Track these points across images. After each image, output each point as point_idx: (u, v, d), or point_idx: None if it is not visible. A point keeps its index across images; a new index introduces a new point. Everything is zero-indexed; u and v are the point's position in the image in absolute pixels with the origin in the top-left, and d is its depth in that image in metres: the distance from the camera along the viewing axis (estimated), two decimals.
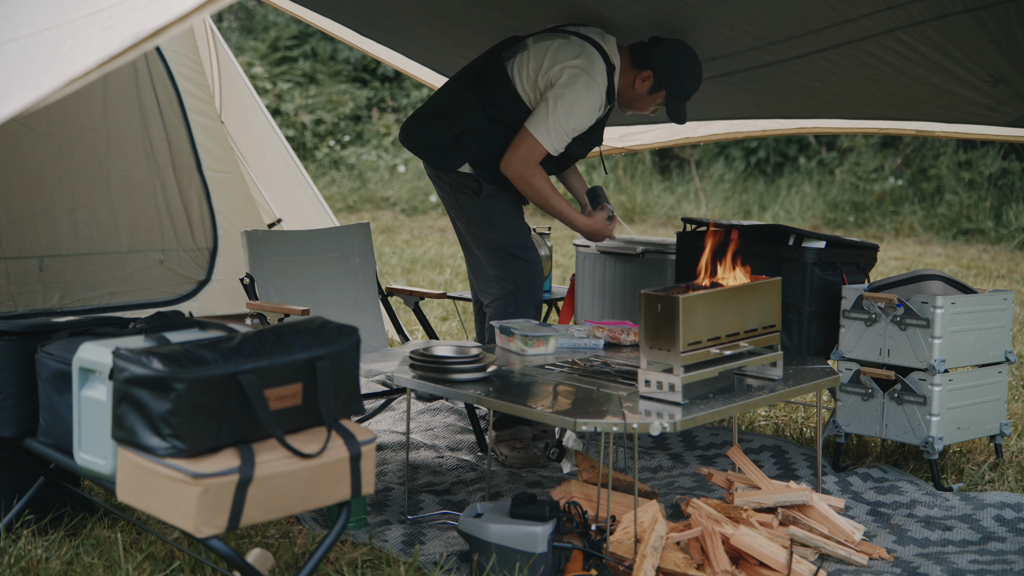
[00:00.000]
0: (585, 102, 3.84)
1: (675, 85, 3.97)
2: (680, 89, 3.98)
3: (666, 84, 3.96)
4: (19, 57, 2.31)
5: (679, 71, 3.97)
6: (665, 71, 3.95)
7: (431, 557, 3.05)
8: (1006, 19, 3.50)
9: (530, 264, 4.01)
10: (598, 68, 3.86)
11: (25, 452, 2.94)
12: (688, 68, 3.98)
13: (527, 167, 3.85)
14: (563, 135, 3.85)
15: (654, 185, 13.57)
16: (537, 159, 3.86)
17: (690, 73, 3.98)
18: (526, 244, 4.03)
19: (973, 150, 12.44)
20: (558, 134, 3.83)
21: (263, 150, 5.87)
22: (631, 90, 4.00)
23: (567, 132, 3.85)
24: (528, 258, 4.01)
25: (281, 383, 2.51)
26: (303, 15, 4.81)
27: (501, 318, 3.99)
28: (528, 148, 3.83)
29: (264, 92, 14.13)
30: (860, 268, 4.12)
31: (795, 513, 3.15)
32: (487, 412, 4.09)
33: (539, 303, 4.08)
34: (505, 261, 4.00)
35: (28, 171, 4.96)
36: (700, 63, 4.01)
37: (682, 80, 3.98)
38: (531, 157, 3.84)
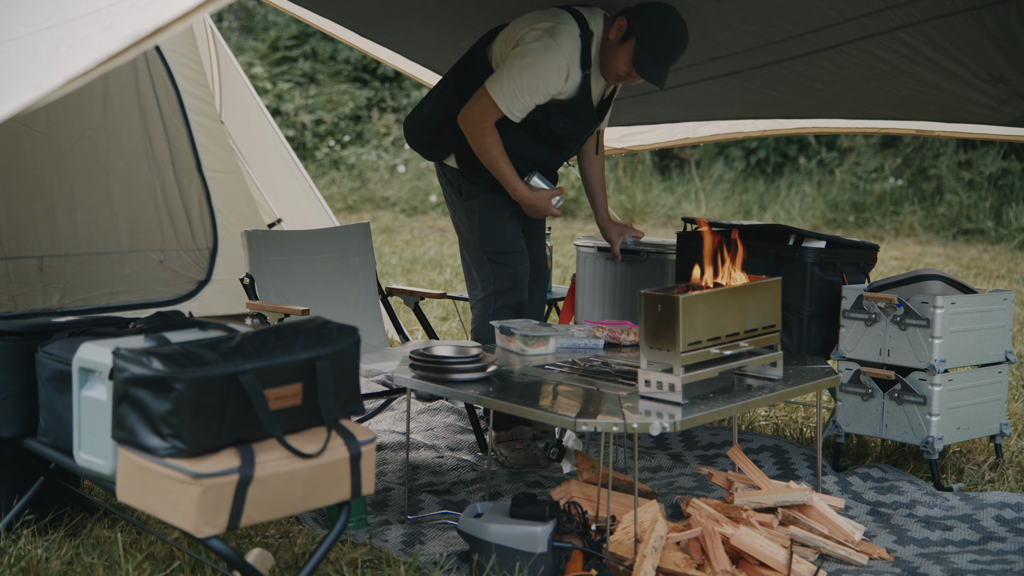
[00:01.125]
0: (544, 64, 3.69)
1: (646, 34, 3.70)
2: (652, 40, 3.70)
3: (637, 32, 3.71)
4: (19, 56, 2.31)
5: (653, 19, 3.72)
6: (639, 17, 3.73)
7: (431, 557, 3.05)
8: (1006, 19, 3.50)
9: (508, 268, 3.98)
10: (565, 32, 3.72)
11: (25, 452, 2.94)
12: (664, 19, 3.73)
13: (479, 124, 3.76)
14: (519, 96, 3.72)
15: (654, 185, 13.57)
16: (492, 118, 3.76)
17: (665, 25, 3.72)
18: (506, 249, 3.99)
19: (973, 150, 12.44)
20: (512, 95, 3.71)
21: (263, 150, 5.87)
22: (607, 41, 3.80)
23: (524, 93, 3.72)
24: (506, 262, 3.98)
25: (281, 383, 2.51)
26: (303, 15, 4.81)
27: (480, 320, 4.00)
28: (483, 106, 3.75)
29: (264, 92, 14.12)
30: (860, 268, 4.12)
31: (795, 513, 3.15)
32: (483, 412, 4.09)
33: (518, 307, 4.02)
34: (483, 264, 4.01)
35: (28, 171, 4.96)
36: (684, 25, 3.76)
37: (655, 31, 3.71)
38: (485, 115, 3.75)
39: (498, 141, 3.81)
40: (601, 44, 3.81)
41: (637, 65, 3.73)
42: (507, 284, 3.98)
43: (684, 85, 4.60)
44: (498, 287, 3.98)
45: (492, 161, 3.82)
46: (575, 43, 3.74)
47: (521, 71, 3.70)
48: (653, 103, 4.96)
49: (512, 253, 3.99)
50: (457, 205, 4.06)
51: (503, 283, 3.98)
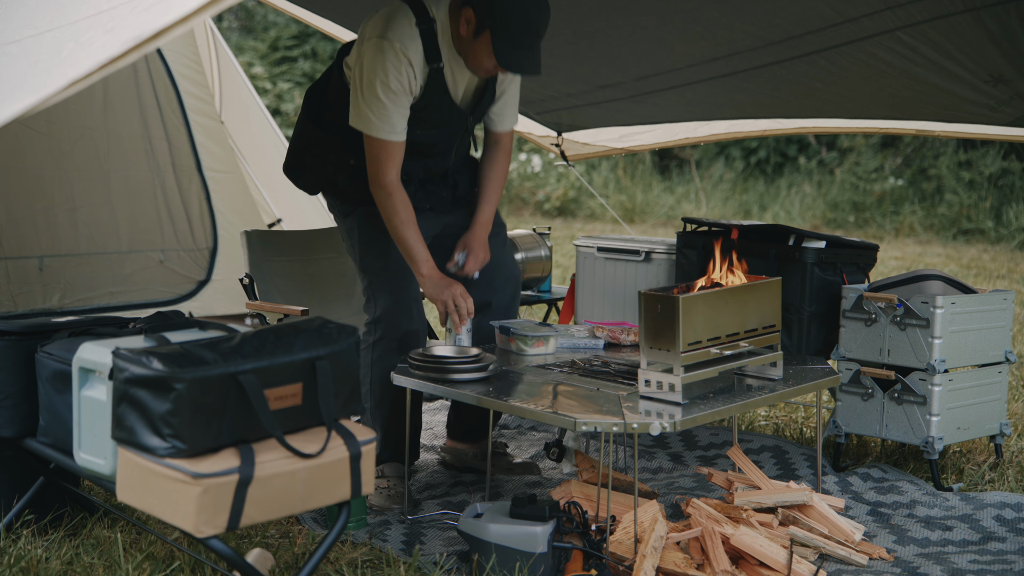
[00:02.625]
0: (381, 67, 3.28)
1: (496, 21, 3.25)
2: (504, 26, 3.24)
3: (487, 21, 3.25)
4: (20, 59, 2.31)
5: (497, 1, 3.25)
6: (482, 3, 3.26)
7: (431, 557, 3.05)
8: (1006, 19, 3.50)
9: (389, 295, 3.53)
10: (397, 26, 3.30)
11: (25, 452, 2.94)
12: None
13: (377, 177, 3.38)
14: (382, 111, 3.32)
15: (654, 185, 13.57)
16: (383, 157, 3.36)
17: (515, 4, 3.23)
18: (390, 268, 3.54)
19: (973, 150, 12.44)
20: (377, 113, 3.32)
21: (263, 150, 5.87)
22: (460, 39, 3.35)
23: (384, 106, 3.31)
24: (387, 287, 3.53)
25: (281, 383, 2.51)
26: (303, 15, 4.81)
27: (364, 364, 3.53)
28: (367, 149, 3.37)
29: (264, 92, 14.13)
30: (860, 268, 4.12)
31: (795, 513, 3.16)
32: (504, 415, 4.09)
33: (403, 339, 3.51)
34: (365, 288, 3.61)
35: (28, 171, 4.96)
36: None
37: (503, 13, 3.23)
38: (376, 160, 3.37)
39: (404, 202, 3.40)
40: (455, 39, 3.38)
41: (500, 59, 3.27)
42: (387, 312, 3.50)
43: (684, 85, 4.60)
44: (377, 315, 3.51)
45: (394, 230, 3.41)
46: (412, 35, 3.31)
47: (370, 85, 3.31)
48: (653, 103, 4.97)
49: (396, 275, 3.52)
50: (340, 225, 3.67)
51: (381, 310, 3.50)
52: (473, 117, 3.57)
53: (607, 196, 12.98)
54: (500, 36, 3.26)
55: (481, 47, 3.31)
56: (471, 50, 3.35)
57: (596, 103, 5.05)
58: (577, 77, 4.76)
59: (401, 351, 3.48)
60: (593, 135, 5.64)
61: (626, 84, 4.72)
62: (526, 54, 3.29)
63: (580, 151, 5.77)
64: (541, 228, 5.13)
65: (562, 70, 4.68)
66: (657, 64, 4.44)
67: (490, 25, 3.26)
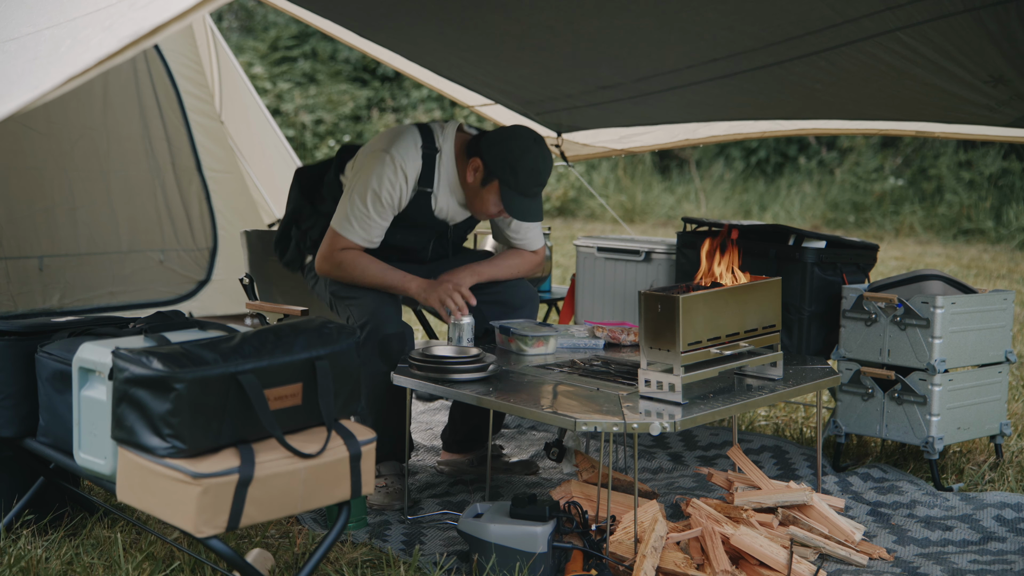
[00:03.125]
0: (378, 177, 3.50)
1: (506, 172, 3.47)
2: (513, 177, 3.47)
3: (496, 172, 3.48)
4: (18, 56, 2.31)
5: (507, 154, 3.47)
6: (492, 155, 3.49)
7: (431, 557, 3.05)
8: (1006, 19, 3.50)
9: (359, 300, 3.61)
10: (403, 144, 3.54)
11: (25, 452, 2.94)
12: (519, 150, 3.47)
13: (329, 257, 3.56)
14: (365, 220, 3.53)
15: (654, 185, 13.57)
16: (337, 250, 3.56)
17: (522, 156, 3.46)
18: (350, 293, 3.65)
19: (973, 150, 12.45)
20: (359, 221, 3.54)
21: (263, 150, 5.88)
22: (467, 184, 3.58)
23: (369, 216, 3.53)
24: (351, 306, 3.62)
25: (281, 383, 2.51)
26: (303, 15, 4.81)
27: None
28: (327, 241, 3.57)
29: (264, 92, 14.13)
30: (860, 268, 4.12)
31: (795, 513, 3.16)
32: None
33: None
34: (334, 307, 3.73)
35: (28, 171, 4.96)
36: (540, 147, 3.52)
37: (512, 165, 3.46)
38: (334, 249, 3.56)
39: (358, 254, 3.56)
40: (462, 181, 3.60)
41: (509, 209, 3.50)
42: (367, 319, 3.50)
43: (684, 86, 4.60)
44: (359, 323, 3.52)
45: (365, 278, 3.55)
46: (415, 156, 3.54)
47: (362, 192, 3.50)
48: (653, 104, 4.96)
49: (370, 291, 3.61)
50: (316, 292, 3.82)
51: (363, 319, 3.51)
52: (453, 227, 3.76)
53: (607, 196, 12.98)
54: (509, 186, 3.49)
55: (488, 195, 3.54)
56: (477, 196, 3.57)
57: (596, 104, 5.05)
58: (577, 77, 4.76)
59: (383, 354, 3.47)
60: (593, 136, 5.64)
61: (626, 85, 4.72)
62: (532, 203, 3.53)
63: (580, 152, 5.77)
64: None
65: (562, 70, 4.68)
66: (657, 65, 4.43)
67: (499, 176, 3.50)
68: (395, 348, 3.48)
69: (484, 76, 4.97)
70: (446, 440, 3.91)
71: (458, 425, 3.87)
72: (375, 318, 3.49)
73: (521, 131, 3.56)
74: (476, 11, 4.14)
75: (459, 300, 3.54)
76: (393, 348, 3.48)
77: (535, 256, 3.90)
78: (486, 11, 4.12)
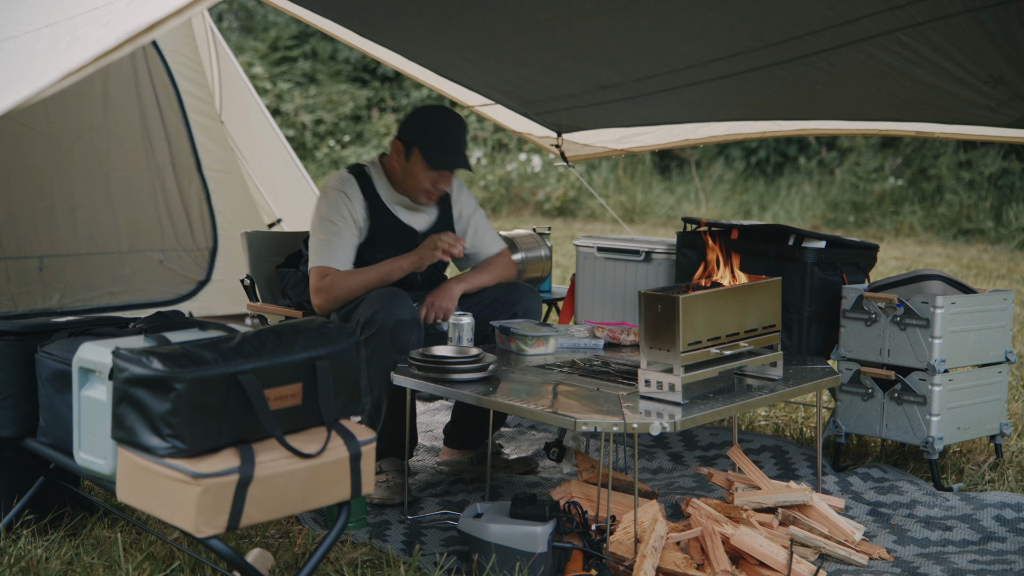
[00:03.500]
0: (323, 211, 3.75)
1: (418, 135, 3.73)
2: (425, 136, 3.72)
3: (413, 140, 3.73)
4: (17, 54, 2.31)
5: (416, 121, 3.77)
6: (404, 130, 3.79)
7: (431, 557, 3.05)
8: (1006, 20, 3.50)
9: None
10: (333, 178, 3.83)
11: (25, 452, 2.94)
12: (425, 114, 3.77)
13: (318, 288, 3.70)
14: (323, 244, 3.72)
15: (654, 185, 13.57)
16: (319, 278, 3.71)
17: (429, 117, 3.76)
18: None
19: (973, 150, 12.45)
20: (319, 247, 3.73)
21: (263, 150, 5.88)
22: (396, 172, 3.81)
23: (326, 240, 3.72)
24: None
25: (281, 383, 2.51)
26: (303, 15, 4.81)
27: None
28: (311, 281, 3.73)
29: (264, 92, 14.13)
30: (860, 268, 4.12)
31: (795, 513, 3.16)
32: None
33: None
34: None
35: (28, 171, 4.96)
36: (446, 110, 3.80)
37: (423, 128, 3.74)
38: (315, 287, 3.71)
39: (345, 275, 3.71)
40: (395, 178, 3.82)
41: (433, 162, 3.71)
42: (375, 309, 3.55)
43: (684, 87, 4.60)
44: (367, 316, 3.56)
45: (364, 285, 3.69)
46: (347, 177, 3.81)
47: (318, 229, 3.75)
48: (653, 105, 4.96)
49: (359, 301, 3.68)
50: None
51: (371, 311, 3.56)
52: (422, 236, 3.86)
53: (607, 196, 12.98)
54: (428, 147, 3.72)
55: (414, 166, 3.75)
56: (407, 175, 3.78)
57: (596, 104, 5.05)
58: (577, 77, 4.76)
59: (395, 342, 3.49)
60: (593, 136, 5.64)
61: (626, 85, 4.72)
62: (454, 156, 3.74)
63: (580, 152, 5.77)
64: (541, 228, 5.13)
65: (562, 70, 4.68)
66: (657, 65, 4.44)
67: (414, 142, 3.74)
68: (406, 336, 3.51)
69: (484, 76, 4.97)
70: (448, 435, 3.92)
71: (460, 420, 3.88)
72: (385, 307, 3.51)
73: (427, 106, 3.83)
74: (476, 11, 4.14)
75: (448, 240, 3.64)
76: (405, 335, 3.51)
77: (503, 257, 4.04)
78: (486, 11, 4.12)
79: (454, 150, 3.75)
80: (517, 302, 3.86)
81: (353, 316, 3.59)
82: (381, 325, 3.48)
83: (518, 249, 4.90)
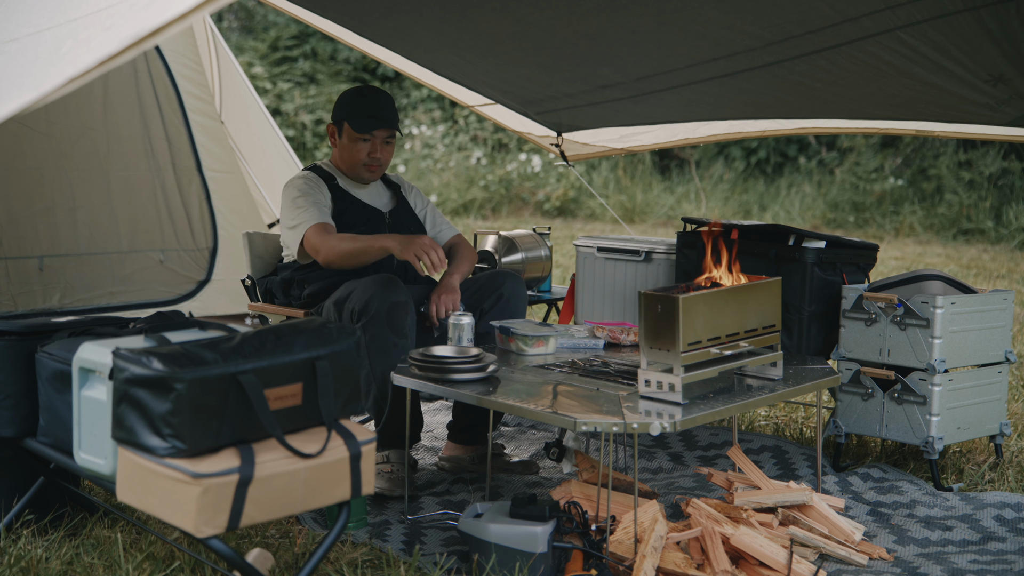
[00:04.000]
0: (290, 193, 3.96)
1: (344, 110, 4.00)
2: (352, 107, 3.99)
3: (342, 116, 4.00)
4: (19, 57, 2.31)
5: (341, 100, 4.04)
6: (334, 112, 4.05)
7: (431, 557, 3.05)
8: (1006, 19, 3.50)
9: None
10: (298, 173, 4.07)
11: (25, 452, 2.94)
12: (350, 92, 4.05)
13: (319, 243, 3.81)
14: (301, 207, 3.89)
15: (654, 185, 13.57)
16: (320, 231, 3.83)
17: (352, 94, 4.03)
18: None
19: (973, 150, 12.45)
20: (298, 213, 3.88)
21: (263, 150, 5.87)
22: (338, 154, 4.07)
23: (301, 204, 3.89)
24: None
25: (281, 383, 2.51)
26: (303, 15, 4.81)
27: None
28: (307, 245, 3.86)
29: (264, 92, 14.13)
30: (860, 268, 4.12)
31: (795, 513, 3.16)
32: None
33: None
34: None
35: (28, 171, 4.96)
36: (369, 85, 4.09)
37: (347, 103, 4.00)
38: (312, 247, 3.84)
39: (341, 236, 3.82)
40: (341, 164, 4.05)
41: (358, 127, 3.95)
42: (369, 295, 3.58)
43: (684, 85, 4.60)
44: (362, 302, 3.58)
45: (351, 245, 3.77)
46: (309, 173, 4.05)
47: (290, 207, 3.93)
48: (653, 104, 4.96)
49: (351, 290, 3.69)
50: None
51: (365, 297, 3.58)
52: (389, 215, 4.09)
53: (607, 196, 12.98)
54: (352, 116, 3.97)
55: (348, 140, 4.00)
56: (345, 152, 4.02)
57: (596, 103, 5.05)
58: (577, 77, 4.76)
59: (391, 325, 3.54)
60: (593, 135, 5.64)
61: (626, 84, 4.72)
62: (376, 119, 3.96)
63: (580, 151, 5.77)
64: (541, 228, 5.13)
65: (562, 70, 4.68)
66: (657, 64, 4.43)
67: (344, 116, 3.98)
68: (402, 318, 3.55)
69: (484, 76, 4.97)
70: (451, 429, 3.94)
71: (462, 415, 3.91)
72: (378, 291, 3.55)
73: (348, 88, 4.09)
74: (476, 11, 4.14)
75: (435, 257, 3.64)
76: (401, 317, 3.55)
77: (464, 242, 4.20)
78: (486, 11, 4.12)
79: (376, 114, 3.97)
80: (501, 286, 3.91)
81: (347, 304, 3.60)
82: (377, 310, 3.52)
83: (518, 249, 4.90)
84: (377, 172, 4.05)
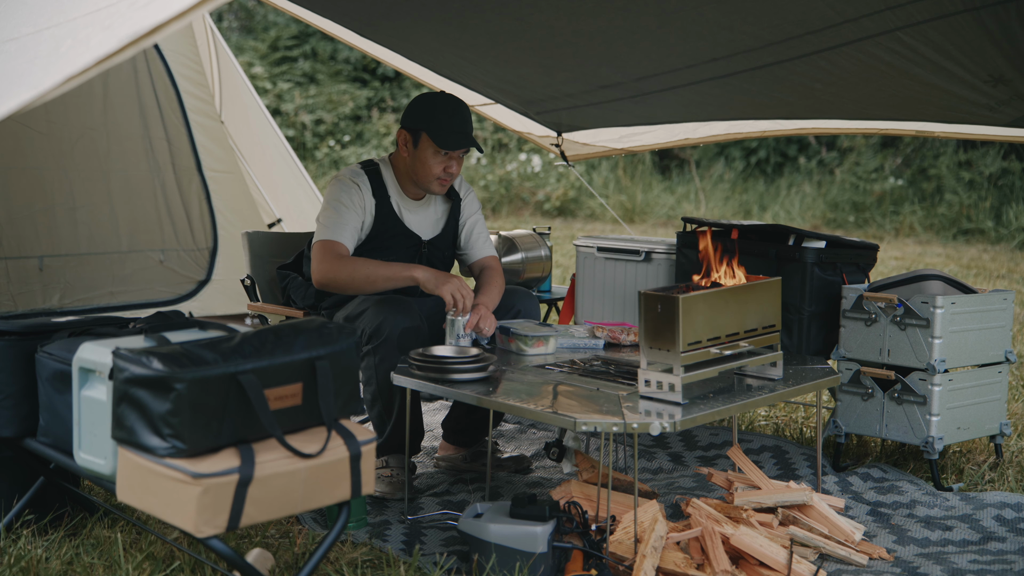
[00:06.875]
0: (335, 192, 3.73)
1: (424, 120, 3.72)
2: (432, 119, 3.71)
3: (420, 125, 3.72)
4: (18, 56, 2.31)
5: (420, 107, 3.75)
6: (409, 118, 3.77)
7: (431, 557, 3.05)
8: (1006, 19, 3.50)
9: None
10: (346, 169, 3.82)
11: (25, 452, 2.94)
12: (428, 99, 3.76)
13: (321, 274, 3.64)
14: (332, 218, 3.69)
15: (654, 185, 13.57)
16: (324, 257, 3.65)
17: (433, 101, 3.75)
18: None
19: (973, 150, 12.45)
20: (326, 222, 3.70)
21: (263, 150, 5.87)
22: (406, 161, 3.78)
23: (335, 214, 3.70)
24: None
25: (281, 383, 2.51)
26: (303, 15, 4.81)
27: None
28: (316, 254, 3.67)
29: (264, 92, 14.13)
30: (860, 268, 4.12)
31: (795, 513, 3.16)
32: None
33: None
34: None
35: (28, 171, 4.96)
36: (446, 94, 3.82)
37: (428, 112, 3.73)
38: (318, 259, 3.65)
39: (353, 262, 3.65)
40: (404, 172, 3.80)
41: (442, 143, 3.68)
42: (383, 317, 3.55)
43: (684, 86, 4.60)
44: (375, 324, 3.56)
45: (365, 277, 3.61)
46: (358, 171, 3.79)
47: (328, 209, 3.72)
48: (653, 104, 4.97)
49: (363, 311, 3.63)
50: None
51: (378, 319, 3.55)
52: (427, 244, 3.87)
53: (607, 196, 12.98)
54: (433, 128, 3.70)
55: (423, 151, 3.73)
56: (418, 163, 3.75)
57: (596, 103, 5.05)
58: (577, 77, 4.76)
59: (403, 350, 3.51)
60: (593, 135, 5.64)
61: (626, 84, 4.72)
62: (462, 136, 3.73)
63: (580, 151, 5.77)
64: (541, 228, 5.13)
65: (562, 70, 4.68)
66: (657, 64, 4.44)
67: (421, 126, 3.72)
68: (413, 343, 3.53)
69: (484, 76, 4.97)
70: (447, 429, 3.93)
71: (460, 417, 3.89)
72: (391, 316, 3.51)
73: (428, 92, 3.82)
74: (476, 11, 4.14)
75: (467, 302, 3.53)
76: (412, 343, 3.53)
77: (494, 261, 3.98)
78: (486, 11, 4.12)
79: (461, 130, 3.73)
80: (515, 305, 3.87)
81: (358, 323, 3.57)
82: (388, 334, 3.49)
83: (518, 249, 4.90)
84: (447, 186, 3.81)
